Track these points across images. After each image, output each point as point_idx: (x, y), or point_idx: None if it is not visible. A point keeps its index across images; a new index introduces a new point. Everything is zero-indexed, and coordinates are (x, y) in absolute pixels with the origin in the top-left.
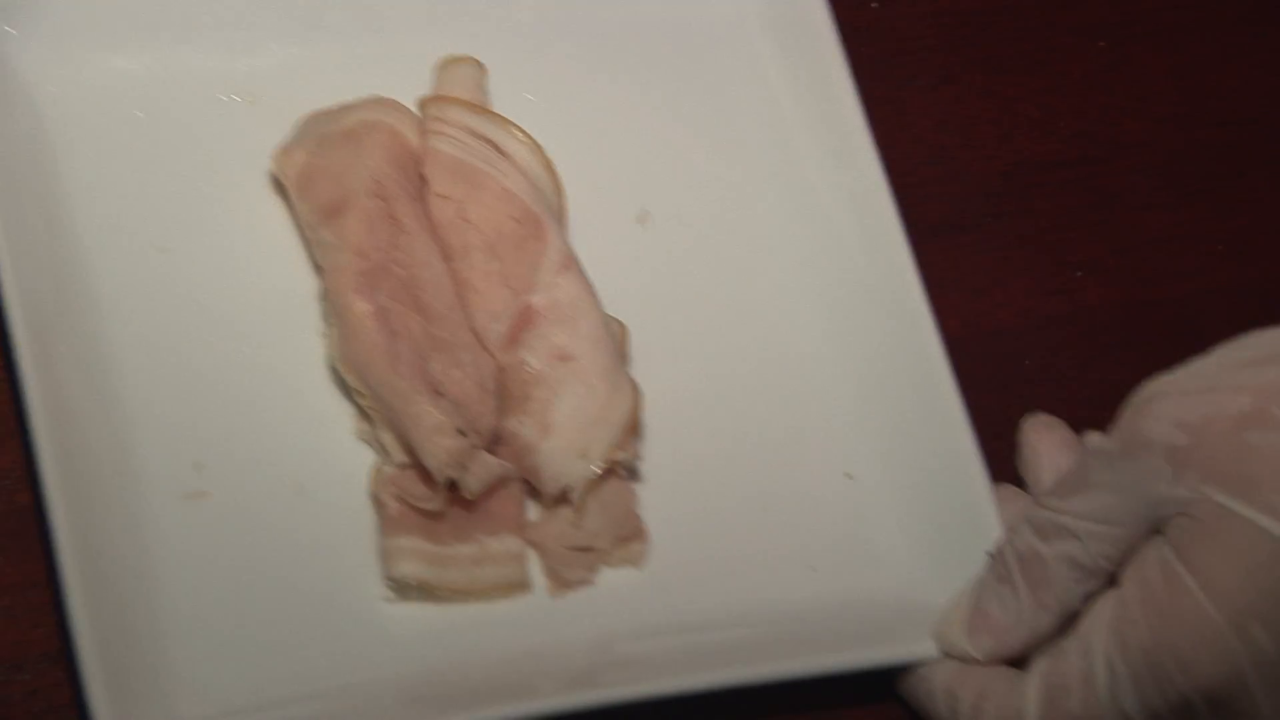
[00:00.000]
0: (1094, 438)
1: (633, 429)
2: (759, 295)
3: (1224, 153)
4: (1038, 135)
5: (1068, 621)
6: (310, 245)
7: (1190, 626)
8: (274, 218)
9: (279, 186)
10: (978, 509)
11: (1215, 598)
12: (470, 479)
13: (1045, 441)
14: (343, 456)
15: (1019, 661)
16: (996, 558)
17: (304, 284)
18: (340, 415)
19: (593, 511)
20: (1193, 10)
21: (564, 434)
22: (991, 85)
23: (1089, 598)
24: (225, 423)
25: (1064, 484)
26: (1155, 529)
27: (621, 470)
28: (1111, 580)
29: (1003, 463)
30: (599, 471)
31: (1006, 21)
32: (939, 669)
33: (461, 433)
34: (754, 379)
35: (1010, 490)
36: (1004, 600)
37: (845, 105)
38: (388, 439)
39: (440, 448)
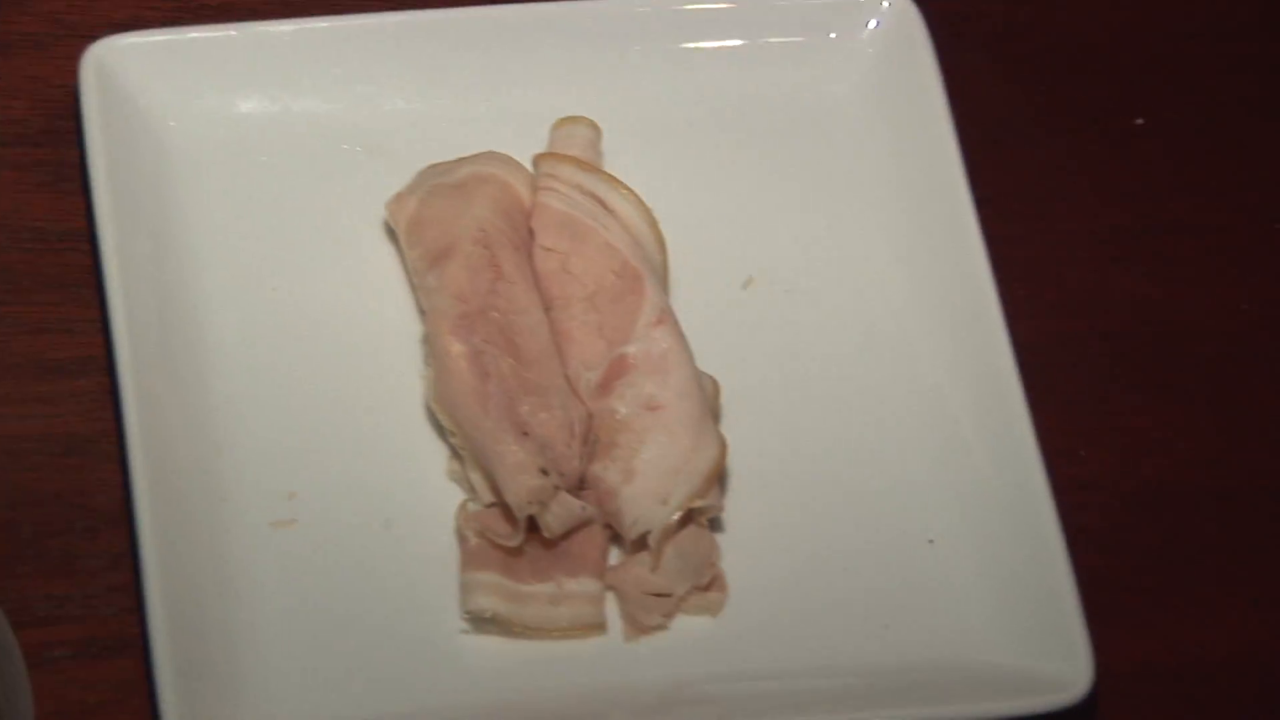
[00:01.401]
0: None
1: (714, 479)
2: (854, 363)
3: None
4: None
5: None
6: (416, 290)
7: None
8: (385, 263)
9: (391, 233)
10: (1055, 581)
11: None
12: (550, 518)
13: None
14: (433, 494)
15: None
16: None
17: (409, 327)
18: (434, 454)
19: (671, 558)
20: None
21: (646, 480)
22: None
23: None
24: (321, 456)
25: None
26: None
27: (703, 520)
28: None
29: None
30: (677, 518)
31: None
32: None
33: (544, 472)
34: (844, 443)
35: None
36: None
37: (952, 181)
38: (476, 478)
39: (522, 485)
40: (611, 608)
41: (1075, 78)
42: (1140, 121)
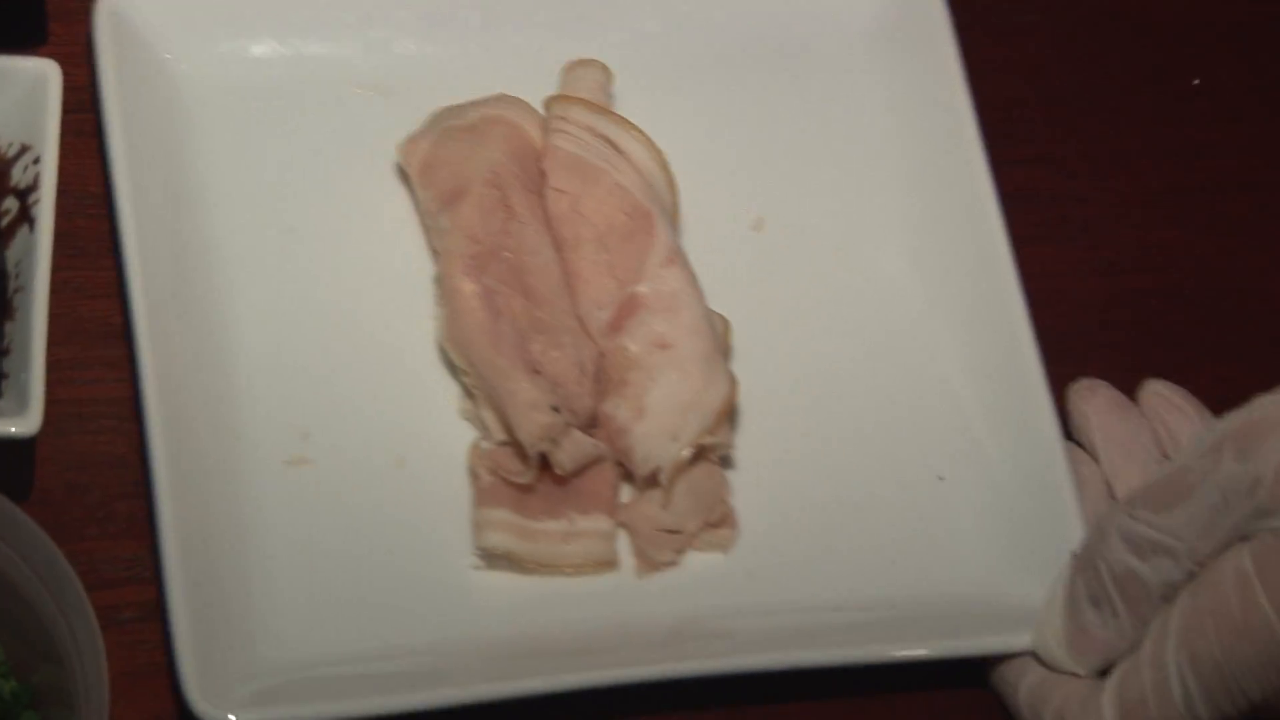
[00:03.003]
0: (1196, 452)
1: (725, 416)
2: (864, 302)
3: None
4: None
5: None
6: (428, 231)
7: (1259, 643)
8: (398, 205)
9: (404, 175)
10: (1062, 517)
11: None
12: (562, 455)
13: (1092, 405)
14: (446, 433)
15: None
16: (1088, 572)
17: (422, 268)
18: (447, 394)
19: (682, 494)
20: None
21: (657, 417)
22: None
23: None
24: (335, 396)
25: (1158, 494)
26: (1239, 537)
27: (713, 457)
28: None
29: None
30: (688, 455)
31: None
32: (1023, 678)
33: (556, 410)
34: (854, 382)
35: (1080, 454)
36: (1103, 618)
37: (961, 119)
38: (488, 416)
39: (534, 422)
40: (623, 544)
41: (1133, 39)
42: (1197, 82)
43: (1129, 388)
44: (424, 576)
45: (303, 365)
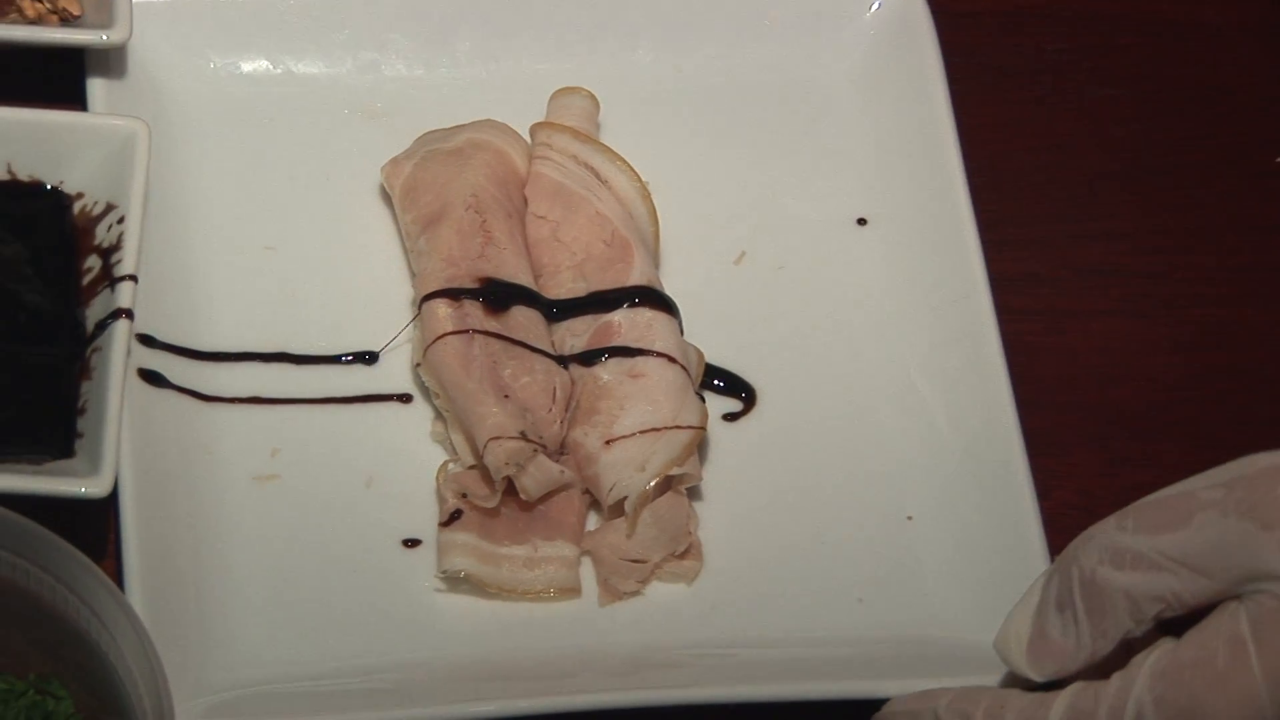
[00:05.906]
0: (1204, 486)
1: (694, 448)
2: (840, 340)
3: None
4: None
5: (1122, 652)
6: (409, 253)
7: (1236, 705)
8: (380, 227)
9: (387, 197)
10: (1029, 560)
11: (1274, 684)
12: (527, 480)
13: None
14: (416, 455)
15: None
16: (1061, 575)
17: (401, 290)
18: (419, 415)
19: (647, 525)
20: None
21: (625, 446)
22: None
23: (1147, 634)
24: (308, 415)
25: (1154, 518)
26: (1232, 595)
27: (681, 488)
28: (1168, 627)
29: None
30: (654, 485)
31: None
32: (937, 691)
33: (524, 436)
34: (827, 417)
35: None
36: (1064, 624)
37: (947, 164)
38: (458, 440)
39: (500, 447)
40: (588, 572)
41: (1216, 116)
42: (1279, 160)
43: (1197, 466)
44: (387, 596)
45: (277, 382)
